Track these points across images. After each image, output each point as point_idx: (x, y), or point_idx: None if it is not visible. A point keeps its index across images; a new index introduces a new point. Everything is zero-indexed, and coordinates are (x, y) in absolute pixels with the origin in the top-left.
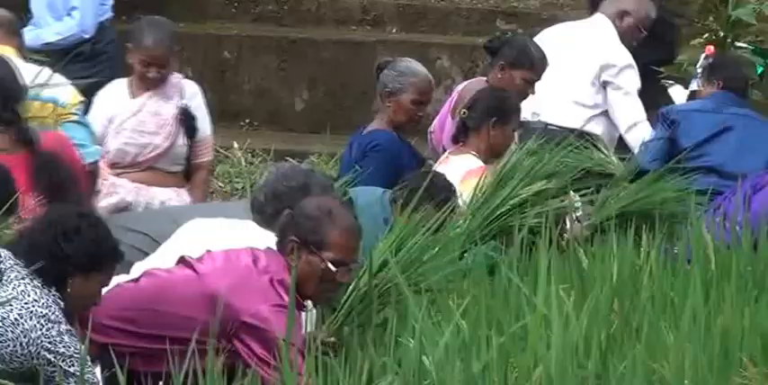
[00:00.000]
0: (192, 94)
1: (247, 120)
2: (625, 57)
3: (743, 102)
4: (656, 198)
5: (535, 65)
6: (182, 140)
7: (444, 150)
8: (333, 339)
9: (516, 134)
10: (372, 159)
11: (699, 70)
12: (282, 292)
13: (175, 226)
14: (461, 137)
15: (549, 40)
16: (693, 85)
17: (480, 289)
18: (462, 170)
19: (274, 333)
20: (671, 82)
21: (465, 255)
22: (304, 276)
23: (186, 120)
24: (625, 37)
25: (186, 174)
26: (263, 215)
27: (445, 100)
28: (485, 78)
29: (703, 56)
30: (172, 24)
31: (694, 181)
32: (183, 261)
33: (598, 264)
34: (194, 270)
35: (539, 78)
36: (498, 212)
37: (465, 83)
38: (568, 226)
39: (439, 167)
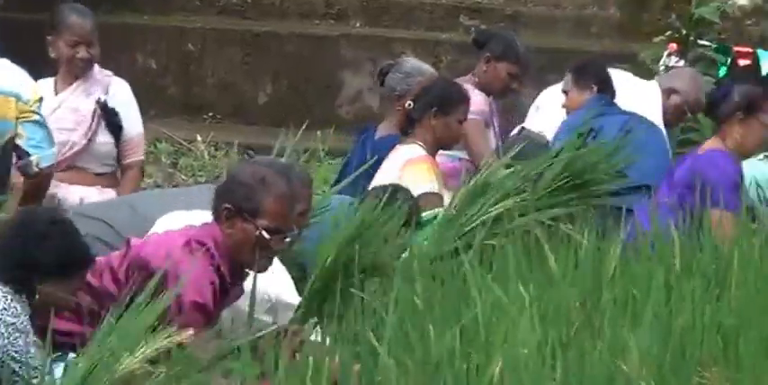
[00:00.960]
0: (118, 90)
1: (211, 114)
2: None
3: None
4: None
5: (520, 59)
6: (103, 138)
7: None
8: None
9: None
10: None
11: (662, 68)
12: (197, 252)
13: (132, 211)
14: (409, 128)
15: None
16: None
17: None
18: (403, 159)
19: (183, 288)
20: None
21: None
22: (239, 243)
23: (107, 116)
24: (668, 115)
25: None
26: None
27: None
28: (468, 77)
29: (666, 53)
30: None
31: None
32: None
33: (562, 262)
34: (128, 245)
35: (524, 73)
36: (466, 229)
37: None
38: None
39: (388, 157)
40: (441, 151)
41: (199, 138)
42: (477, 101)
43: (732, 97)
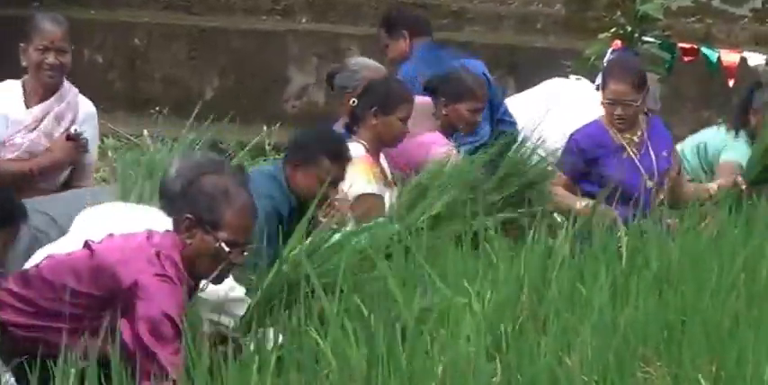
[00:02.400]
0: (85, 115)
1: (157, 108)
2: None
3: None
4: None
5: (476, 92)
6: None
7: None
8: (238, 336)
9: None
10: None
11: (605, 64)
12: (167, 265)
13: (44, 216)
14: (354, 126)
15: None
16: (600, 79)
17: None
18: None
19: (153, 301)
20: (578, 77)
21: None
22: (197, 254)
23: (77, 147)
24: None
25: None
26: (176, 205)
27: None
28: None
29: (610, 50)
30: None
31: None
32: (85, 244)
33: (508, 257)
34: (91, 249)
35: (483, 104)
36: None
37: None
38: None
39: None
40: None
41: (145, 132)
42: (445, 145)
43: None
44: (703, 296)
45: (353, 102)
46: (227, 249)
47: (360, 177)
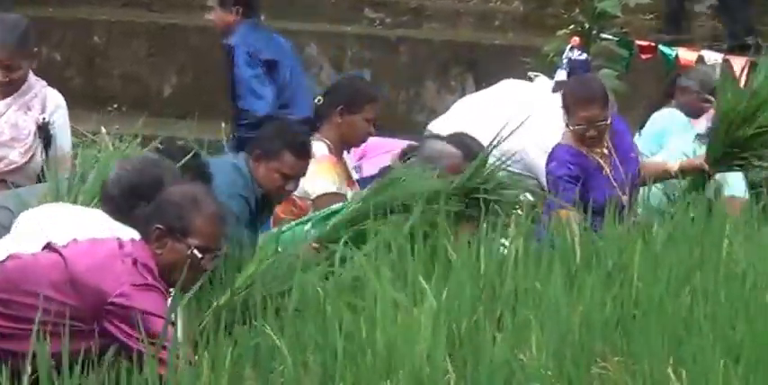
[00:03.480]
0: (55, 106)
1: (116, 106)
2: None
3: None
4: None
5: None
6: (40, 157)
7: None
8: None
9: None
10: None
11: (564, 61)
12: (146, 273)
13: None
14: (318, 124)
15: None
16: (558, 76)
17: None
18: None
19: (141, 310)
20: (536, 73)
21: None
22: (170, 263)
23: (46, 135)
24: None
25: None
26: (119, 208)
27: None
28: None
29: (569, 47)
30: (22, 22)
31: None
32: (49, 247)
33: (463, 255)
34: (60, 254)
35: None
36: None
37: None
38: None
39: None
40: None
41: (104, 129)
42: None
43: None
44: (658, 290)
45: (319, 100)
46: (199, 256)
47: (322, 176)
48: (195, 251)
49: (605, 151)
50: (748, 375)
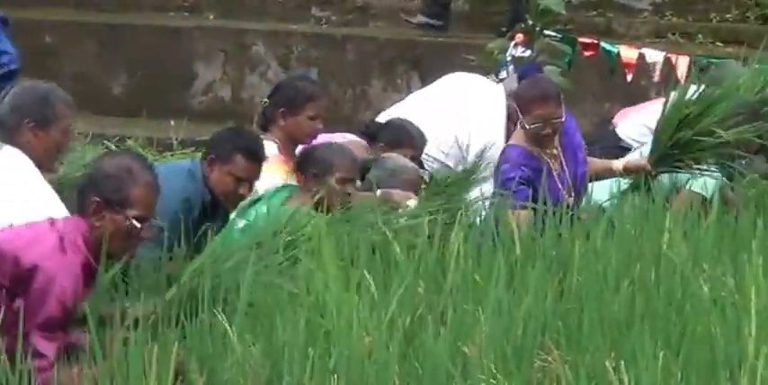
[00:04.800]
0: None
1: None
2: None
3: None
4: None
5: (415, 141)
6: None
7: None
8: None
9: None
10: None
11: (508, 58)
12: (70, 250)
13: None
14: (266, 125)
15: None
16: (503, 74)
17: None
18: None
19: (49, 288)
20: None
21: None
22: (109, 235)
23: None
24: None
25: None
26: (4, 128)
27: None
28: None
29: (513, 44)
30: None
31: None
32: None
33: (405, 251)
34: None
35: (420, 154)
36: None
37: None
38: None
39: None
40: None
41: None
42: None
43: None
44: (600, 285)
45: (264, 102)
46: (138, 225)
47: (273, 175)
48: (134, 221)
49: (555, 152)
50: (687, 368)
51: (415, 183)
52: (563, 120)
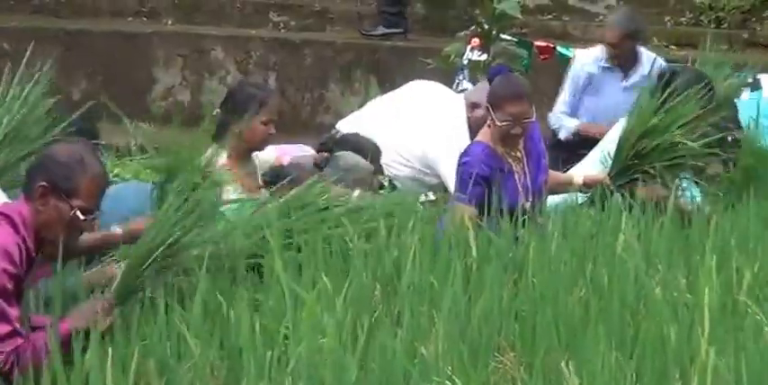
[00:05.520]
0: None
1: None
2: (449, 149)
3: None
4: None
5: (369, 156)
6: None
7: None
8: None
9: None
10: None
11: (465, 62)
12: (4, 230)
13: None
14: (220, 133)
15: (412, 91)
16: (459, 76)
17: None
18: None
19: None
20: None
21: None
22: (50, 221)
23: None
24: (473, 126)
25: None
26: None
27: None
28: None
29: (469, 48)
30: None
31: None
32: None
33: (362, 254)
34: None
35: (377, 166)
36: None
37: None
38: None
39: None
40: None
41: None
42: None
43: None
44: (554, 285)
45: (216, 112)
46: (81, 217)
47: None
48: (78, 213)
49: (519, 154)
50: (640, 369)
51: (367, 182)
52: (533, 119)
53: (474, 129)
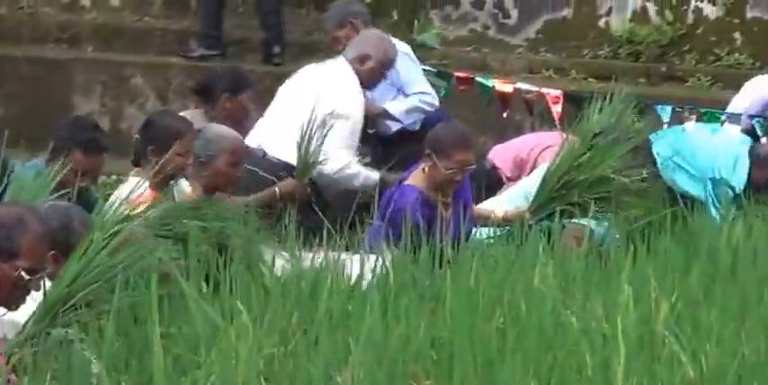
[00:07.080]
0: None
1: None
2: (350, 106)
3: None
4: None
5: (251, 82)
6: None
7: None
8: None
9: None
10: None
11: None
12: None
13: None
14: (138, 161)
15: (294, 78)
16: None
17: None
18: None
19: None
20: None
21: None
22: None
23: None
24: (365, 79)
25: None
26: None
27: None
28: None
29: None
30: None
31: None
32: None
33: (279, 279)
34: None
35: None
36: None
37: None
38: None
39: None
40: None
41: None
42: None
43: None
44: (472, 313)
45: (136, 139)
46: (27, 277)
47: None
48: (23, 273)
49: (449, 201)
50: None
51: (238, 152)
52: (473, 166)
53: (364, 81)
